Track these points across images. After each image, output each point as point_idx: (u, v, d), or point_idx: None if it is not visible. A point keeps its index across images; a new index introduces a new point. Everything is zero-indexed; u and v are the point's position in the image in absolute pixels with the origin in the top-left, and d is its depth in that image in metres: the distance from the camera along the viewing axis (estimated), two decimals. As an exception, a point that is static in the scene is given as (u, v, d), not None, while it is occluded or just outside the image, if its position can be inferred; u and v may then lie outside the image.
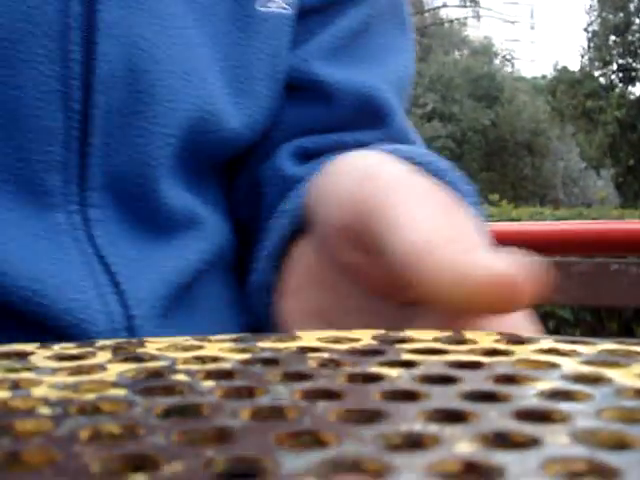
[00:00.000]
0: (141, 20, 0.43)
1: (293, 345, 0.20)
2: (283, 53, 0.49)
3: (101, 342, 0.20)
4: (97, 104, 0.43)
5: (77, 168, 0.44)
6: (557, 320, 4.61)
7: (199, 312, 0.47)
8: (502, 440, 0.13)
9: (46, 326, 0.41)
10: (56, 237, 0.43)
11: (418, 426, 0.14)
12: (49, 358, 0.19)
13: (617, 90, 17.16)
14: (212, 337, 0.20)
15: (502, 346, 0.20)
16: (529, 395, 0.16)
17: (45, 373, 0.17)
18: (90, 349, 0.19)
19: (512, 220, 5.20)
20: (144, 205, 0.45)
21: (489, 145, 15.29)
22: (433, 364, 0.18)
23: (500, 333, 0.22)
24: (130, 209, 0.45)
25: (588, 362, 0.18)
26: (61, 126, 0.43)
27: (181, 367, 0.18)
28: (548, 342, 0.21)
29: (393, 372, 0.17)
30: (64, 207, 0.44)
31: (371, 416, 0.15)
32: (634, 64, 17.29)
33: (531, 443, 0.13)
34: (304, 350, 0.19)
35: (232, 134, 0.48)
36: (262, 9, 0.48)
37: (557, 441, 0.13)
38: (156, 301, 0.43)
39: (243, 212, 0.52)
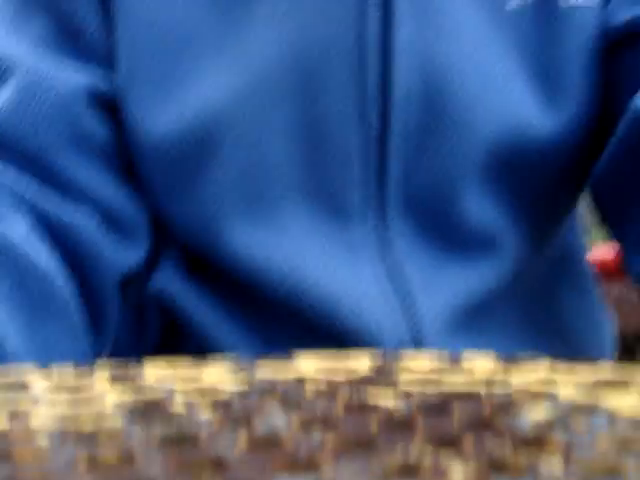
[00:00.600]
0: (436, 36, 0.44)
1: (291, 375, 0.20)
2: (593, 44, 0.46)
3: (100, 370, 0.20)
4: (394, 125, 0.44)
5: (375, 186, 0.45)
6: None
7: (489, 332, 0.46)
8: (498, 468, 0.13)
9: (339, 336, 0.43)
10: (357, 252, 0.44)
11: (414, 454, 0.14)
12: (48, 389, 0.19)
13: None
14: (211, 363, 0.20)
15: (499, 375, 0.20)
16: (525, 423, 0.16)
17: (44, 404, 0.17)
18: (89, 380, 0.19)
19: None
20: (442, 222, 0.45)
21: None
22: (430, 394, 0.18)
23: (497, 360, 0.22)
24: (427, 227, 0.45)
25: (584, 390, 0.19)
26: (359, 146, 0.44)
27: (179, 398, 0.18)
28: (546, 369, 0.21)
29: (390, 402, 0.17)
30: (361, 225, 0.45)
31: (367, 445, 0.15)
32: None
33: (527, 471, 0.13)
34: (301, 380, 0.19)
35: (541, 142, 0.45)
36: (566, 5, 0.46)
37: (552, 469, 0.13)
38: (447, 319, 0.43)
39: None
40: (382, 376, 0.20)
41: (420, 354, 0.23)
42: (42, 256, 0.41)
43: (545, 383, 0.19)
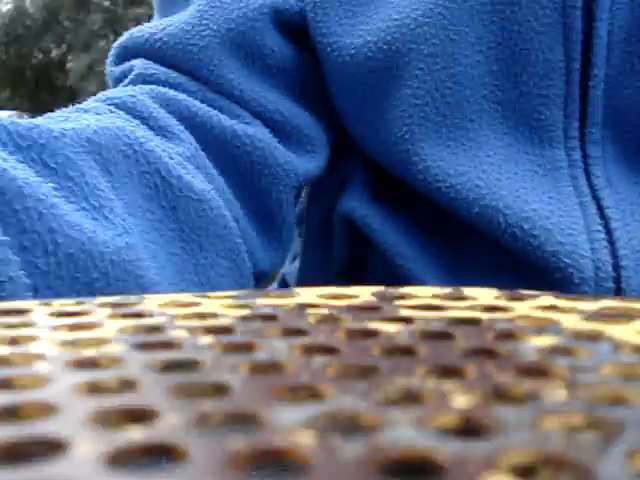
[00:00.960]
0: None
1: (292, 301, 0.20)
2: None
3: (101, 299, 0.20)
4: (599, 33, 0.41)
5: (578, 102, 0.42)
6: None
7: None
8: (500, 395, 0.14)
9: (530, 266, 0.41)
10: (553, 175, 0.42)
11: (416, 381, 0.14)
12: (48, 315, 0.19)
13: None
14: (211, 294, 0.20)
15: (502, 302, 0.20)
16: (528, 351, 0.16)
17: (44, 329, 0.17)
18: (89, 306, 0.19)
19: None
20: None
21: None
22: (432, 320, 0.18)
23: (500, 289, 0.22)
24: (630, 146, 0.43)
25: (588, 319, 0.18)
26: (562, 59, 0.42)
27: (180, 323, 0.18)
28: (549, 299, 0.21)
29: (392, 328, 0.17)
30: (563, 143, 0.43)
31: (369, 371, 0.15)
32: None
33: (529, 398, 0.13)
34: (303, 306, 0.19)
35: None
36: None
37: (555, 396, 0.13)
38: None
39: None
40: (384, 302, 0.20)
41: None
42: (198, 178, 0.41)
43: (548, 310, 0.19)
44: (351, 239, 0.48)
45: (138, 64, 0.46)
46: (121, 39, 0.49)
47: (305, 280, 0.49)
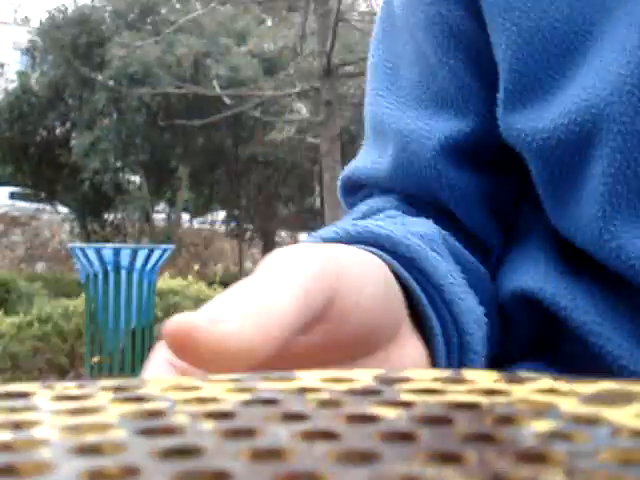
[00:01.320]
0: None
1: (293, 385, 0.20)
2: None
3: (102, 382, 0.20)
4: None
5: None
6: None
7: None
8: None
9: None
10: None
11: (416, 468, 0.14)
12: (50, 399, 0.19)
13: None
14: (212, 377, 0.21)
15: (501, 386, 0.20)
16: (527, 436, 0.16)
17: (46, 414, 0.17)
18: (91, 389, 0.19)
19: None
20: None
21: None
22: (431, 405, 0.18)
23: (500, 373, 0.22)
24: None
25: (586, 402, 0.19)
26: None
27: (181, 408, 0.18)
28: (547, 382, 0.21)
29: (391, 413, 0.17)
30: None
31: (369, 457, 0.15)
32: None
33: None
34: (303, 390, 0.19)
35: None
36: None
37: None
38: None
39: None
40: (384, 386, 0.20)
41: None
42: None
43: (546, 394, 0.19)
44: (536, 318, 0.48)
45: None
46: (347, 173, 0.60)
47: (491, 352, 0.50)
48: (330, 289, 0.32)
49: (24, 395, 0.19)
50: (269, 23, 16.73)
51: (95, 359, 4.68)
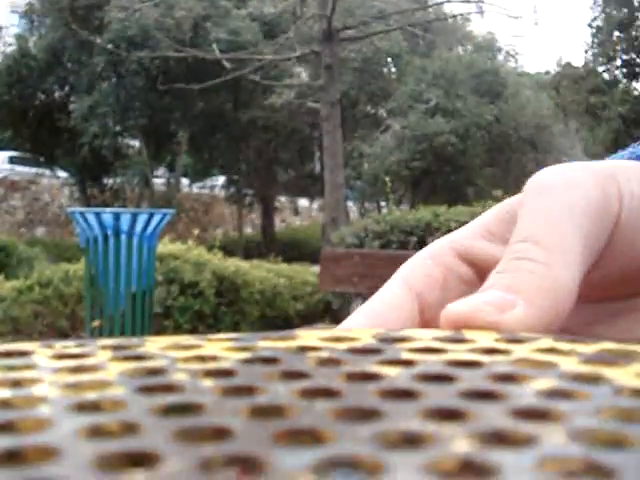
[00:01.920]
0: None
1: (293, 344, 0.20)
2: None
3: (102, 341, 0.20)
4: None
5: None
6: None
7: None
8: (499, 439, 0.13)
9: None
10: None
11: (416, 424, 0.14)
12: (50, 357, 0.19)
13: (621, 86, 17.11)
14: (212, 336, 0.21)
15: (501, 345, 0.20)
16: (527, 394, 0.16)
17: (45, 372, 0.17)
18: (91, 348, 0.19)
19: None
20: None
21: (492, 141, 15.27)
22: (432, 363, 0.18)
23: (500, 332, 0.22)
24: None
25: (587, 361, 0.19)
26: None
27: (181, 366, 0.18)
28: (548, 341, 0.21)
29: (392, 371, 0.17)
30: None
31: (369, 415, 0.15)
32: (638, 59, 17.24)
33: (528, 442, 0.13)
34: (304, 349, 0.19)
35: None
36: None
37: (554, 440, 0.13)
38: None
39: None
40: (385, 344, 0.20)
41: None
42: None
43: (547, 353, 0.19)
44: None
45: None
46: None
47: None
48: (608, 233, 0.28)
49: (23, 354, 0.19)
50: (269, -14, 16.56)
51: (95, 323, 4.70)
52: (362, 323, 0.29)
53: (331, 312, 6.03)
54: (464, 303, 0.25)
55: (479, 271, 0.31)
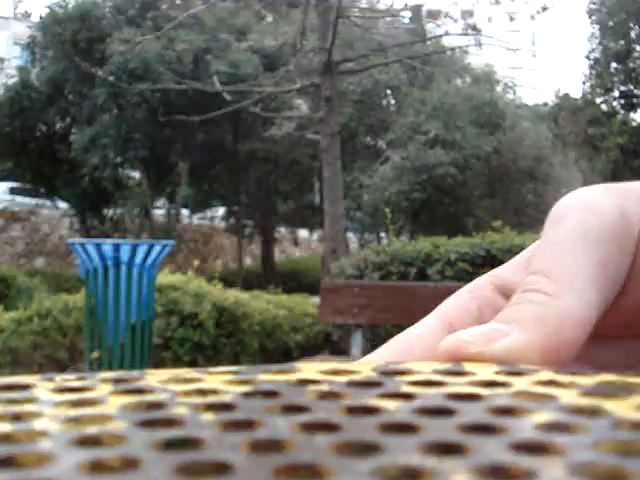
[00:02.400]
0: None
1: (293, 377, 0.20)
2: None
3: (103, 374, 0.20)
4: None
5: None
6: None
7: None
8: (498, 473, 0.13)
9: None
10: None
11: (415, 459, 0.14)
12: (51, 390, 0.19)
13: (619, 117, 17.21)
14: (213, 369, 0.21)
15: (501, 378, 0.20)
16: (526, 427, 0.16)
17: (46, 406, 0.17)
18: (91, 382, 0.19)
19: (515, 246, 5.20)
20: None
21: (492, 172, 15.31)
22: (431, 396, 0.18)
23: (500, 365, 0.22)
24: None
25: (587, 394, 0.19)
26: None
27: (182, 400, 0.18)
28: (547, 374, 0.21)
29: (391, 404, 0.17)
30: None
31: (369, 449, 0.15)
32: (635, 91, 17.35)
33: (527, 476, 0.13)
34: (304, 382, 0.19)
35: None
36: None
37: (553, 474, 0.13)
38: None
39: None
40: (385, 378, 0.20)
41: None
42: None
43: (547, 386, 0.19)
44: None
45: None
46: None
47: None
48: (629, 256, 0.26)
49: (24, 387, 0.19)
50: (269, 19, 16.71)
51: (95, 354, 4.68)
52: (391, 350, 0.28)
53: (331, 343, 6.01)
54: (453, 336, 0.25)
55: None
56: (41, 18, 17.16)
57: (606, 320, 0.27)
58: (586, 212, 0.27)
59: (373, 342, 5.24)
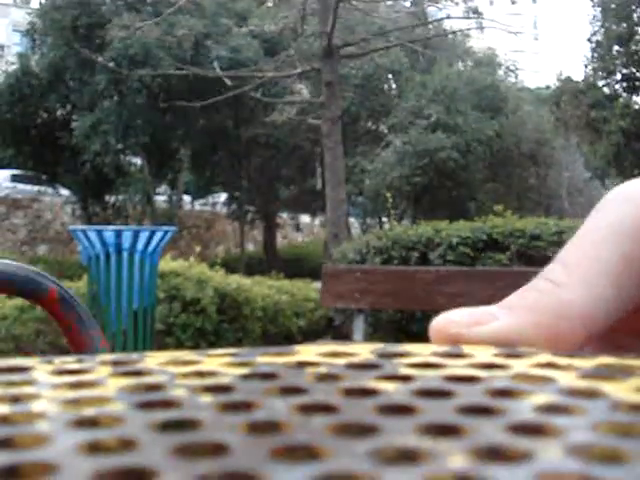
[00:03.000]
0: None
1: (292, 359, 0.20)
2: None
3: (102, 357, 0.20)
4: None
5: None
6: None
7: None
8: (495, 454, 0.13)
9: None
10: None
11: (412, 440, 0.14)
12: (49, 373, 0.19)
13: (621, 100, 17.15)
14: (211, 352, 0.21)
15: (500, 360, 0.20)
16: (524, 409, 0.16)
17: (45, 387, 0.17)
18: (90, 364, 0.19)
19: (516, 230, 5.20)
20: None
21: (493, 156, 15.28)
22: (429, 378, 0.18)
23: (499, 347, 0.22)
24: None
25: (584, 376, 0.19)
26: None
27: (180, 382, 0.18)
28: (546, 356, 0.21)
29: (390, 386, 0.17)
30: None
31: (366, 430, 0.15)
32: (638, 73, 17.28)
33: (524, 457, 0.13)
34: (302, 364, 0.19)
35: None
36: None
37: (550, 455, 0.13)
38: None
39: None
40: (383, 360, 0.20)
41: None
42: None
43: (545, 368, 0.19)
44: None
45: None
46: None
47: None
48: None
49: (23, 369, 0.19)
50: (269, 4, 16.64)
51: (97, 341, 4.69)
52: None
53: (333, 328, 6.02)
54: (444, 315, 0.25)
55: None
56: (41, 4, 17.11)
57: None
58: (625, 205, 0.26)
59: (375, 327, 5.25)
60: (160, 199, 18.27)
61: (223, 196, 19.19)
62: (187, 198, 19.85)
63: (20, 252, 15.37)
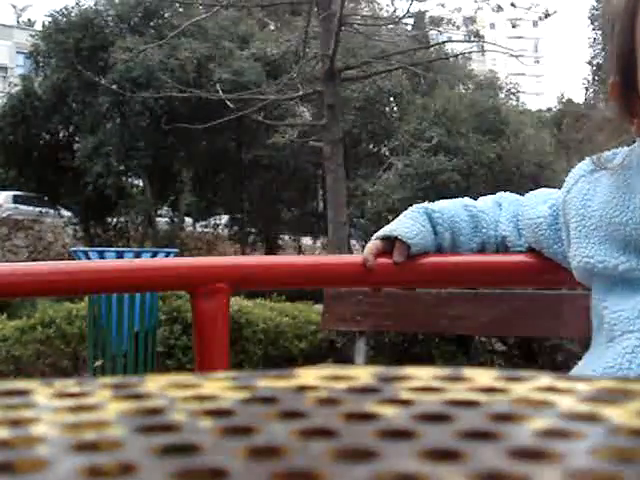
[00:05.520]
0: None
1: (292, 383, 0.20)
2: None
3: (102, 380, 0.20)
4: None
5: None
6: (565, 353, 4.57)
7: None
8: (495, 479, 0.13)
9: None
10: None
11: (412, 465, 0.14)
12: (50, 396, 0.19)
13: (622, 123, 17.15)
14: (212, 375, 0.21)
15: (500, 384, 0.20)
16: (524, 434, 0.16)
17: (45, 411, 0.17)
18: (90, 387, 0.19)
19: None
20: None
21: (495, 178, 15.29)
22: (430, 403, 0.18)
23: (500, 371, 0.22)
24: None
25: (585, 400, 0.19)
26: None
27: (180, 406, 0.18)
28: (547, 380, 0.21)
29: (390, 411, 0.17)
30: None
31: (366, 455, 0.15)
32: (638, 97, 17.30)
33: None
34: (302, 388, 0.19)
35: None
36: None
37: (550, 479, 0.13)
38: None
39: None
40: (384, 384, 0.20)
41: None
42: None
43: (545, 392, 0.19)
44: None
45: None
46: None
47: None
48: None
49: (23, 392, 0.19)
50: (272, 27, 16.73)
51: (98, 363, 4.67)
52: None
53: (335, 351, 6.00)
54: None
55: None
56: (44, 26, 17.20)
57: None
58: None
59: (376, 349, 5.22)
60: (162, 221, 18.28)
61: (225, 218, 19.19)
62: (189, 220, 19.86)
63: (21, 273, 15.33)
